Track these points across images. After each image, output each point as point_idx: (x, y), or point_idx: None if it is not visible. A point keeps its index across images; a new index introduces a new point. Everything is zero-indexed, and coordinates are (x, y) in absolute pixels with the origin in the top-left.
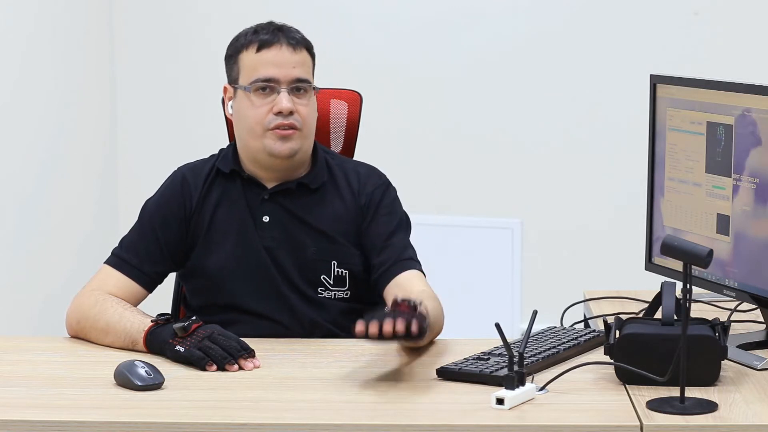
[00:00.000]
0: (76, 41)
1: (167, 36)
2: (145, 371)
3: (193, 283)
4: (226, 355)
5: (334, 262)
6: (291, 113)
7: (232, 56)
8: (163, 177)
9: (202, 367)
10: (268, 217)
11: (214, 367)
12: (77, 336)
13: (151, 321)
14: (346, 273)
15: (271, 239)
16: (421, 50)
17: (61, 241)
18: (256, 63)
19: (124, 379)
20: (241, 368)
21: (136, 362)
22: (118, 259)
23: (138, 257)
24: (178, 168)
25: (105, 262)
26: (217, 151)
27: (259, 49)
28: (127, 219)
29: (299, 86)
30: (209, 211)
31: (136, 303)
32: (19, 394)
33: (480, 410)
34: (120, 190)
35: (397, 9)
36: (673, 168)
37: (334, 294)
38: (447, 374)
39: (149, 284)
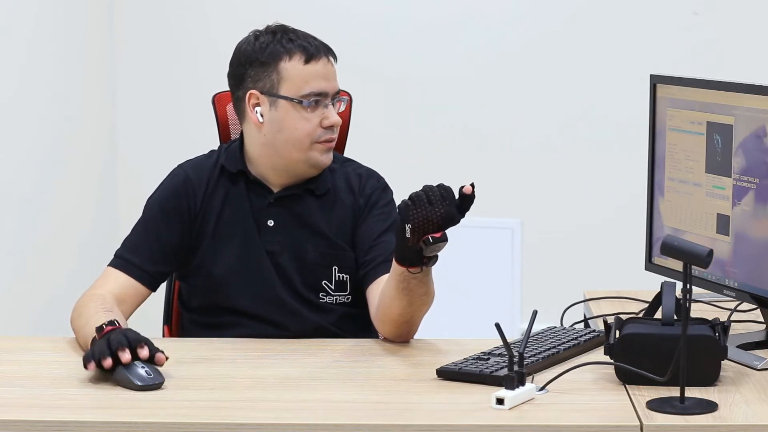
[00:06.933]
0: (76, 41)
1: (167, 36)
2: (145, 371)
3: (193, 284)
4: (105, 350)
5: (335, 268)
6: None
7: (267, 63)
8: (163, 177)
9: (85, 366)
10: (273, 221)
11: (93, 364)
12: None
13: (96, 331)
14: (347, 278)
15: (275, 243)
16: (421, 50)
17: (61, 242)
18: (306, 76)
19: (124, 379)
20: (138, 358)
21: (136, 362)
22: (121, 260)
23: (140, 257)
24: (179, 165)
25: (108, 265)
26: (215, 148)
27: (307, 61)
28: (127, 219)
29: (339, 98)
30: (215, 211)
31: (139, 302)
32: (19, 394)
33: (480, 410)
34: (120, 190)
35: (396, 9)
36: (673, 168)
37: (336, 299)
38: (447, 374)
39: (152, 283)
